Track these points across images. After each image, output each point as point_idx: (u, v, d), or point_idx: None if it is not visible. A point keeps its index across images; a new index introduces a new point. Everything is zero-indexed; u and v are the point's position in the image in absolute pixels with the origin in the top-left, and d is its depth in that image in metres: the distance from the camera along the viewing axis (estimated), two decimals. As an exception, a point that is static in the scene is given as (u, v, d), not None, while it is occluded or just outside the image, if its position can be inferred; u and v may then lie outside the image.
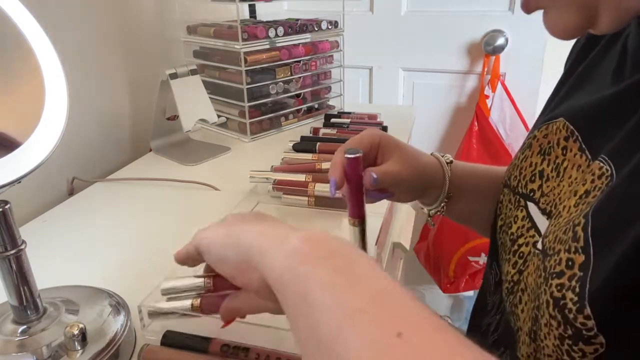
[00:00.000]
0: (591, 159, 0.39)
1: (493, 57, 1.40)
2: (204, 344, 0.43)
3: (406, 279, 1.67)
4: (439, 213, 0.60)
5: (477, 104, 1.44)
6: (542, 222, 0.43)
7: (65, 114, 0.40)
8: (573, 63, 0.50)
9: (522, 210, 0.46)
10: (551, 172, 0.44)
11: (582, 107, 0.43)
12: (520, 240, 0.45)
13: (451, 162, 0.58)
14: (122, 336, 0.44)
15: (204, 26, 1.03)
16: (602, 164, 0.36)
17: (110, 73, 0.95)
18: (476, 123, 1.44)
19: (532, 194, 0.45)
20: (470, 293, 1.62)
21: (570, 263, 0.33)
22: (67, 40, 0.84)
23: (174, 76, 0.90)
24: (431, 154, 0.58)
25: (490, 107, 1.43)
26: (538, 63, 1.34)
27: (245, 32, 0.93)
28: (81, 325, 0.41)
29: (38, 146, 0.37)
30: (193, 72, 0.94)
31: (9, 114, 0.37)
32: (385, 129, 1.01)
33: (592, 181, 0.36)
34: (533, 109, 1.41)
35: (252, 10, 1.30)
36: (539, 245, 0.40)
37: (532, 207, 0.45)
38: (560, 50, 0.57)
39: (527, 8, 0.39)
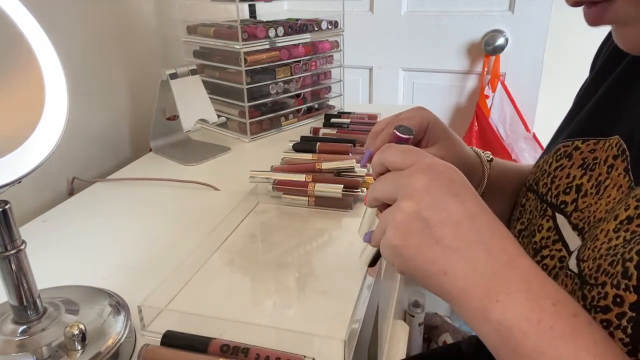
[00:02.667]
0: (634, 182, 0.38)
1: (493, 57, 1.40)
2: (203, 344, 0.43)
3: (406, 279, 1.67)
4: None
5: (477, 104, 1.44)
6: (571, 238, 0.42)
7: (65, 114, 0.40)
8: (606, 66, 0.48)
9: (548, 220, 0.44)
10: (591, 188, 0.42)
11: (638, 125, 0.41)
12: (545, 252, 0.44)
13: (491, 160, 0.57)
14: (122, 336, 0.44)
15: (204, 26, 1.03)
16: None
17: (110, 73, 0.95)
18: (476, 123, 1.44)
19: (563, 205, 0.43)
20: (470, 293, 1.61)
21: (618, 300, 0.32)
22: (67, 40, 0.84)
23: (174, 76, 0.90)
24: (471, 149, 0.57)
25: (490, 107, 1.43)
26: (538, 63, 1.34)
27: (245, 32, 0.93)
28: (81, 325, 0.41)
29: (38, 146, 0.37)
30: (193, 72, 0.94)
31: (9, 113, 0.37)
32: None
33: (636, 207, 0.35)
34: (533, 109, 1.41)
35: (252, 10, 1.30)
36: (572, 266, 0.39)
37: (561, 219, 0.44)
38: (560, 51, 0.57)
39: (596, 23, 0.37)
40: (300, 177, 0.72)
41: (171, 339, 0.44)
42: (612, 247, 0.35)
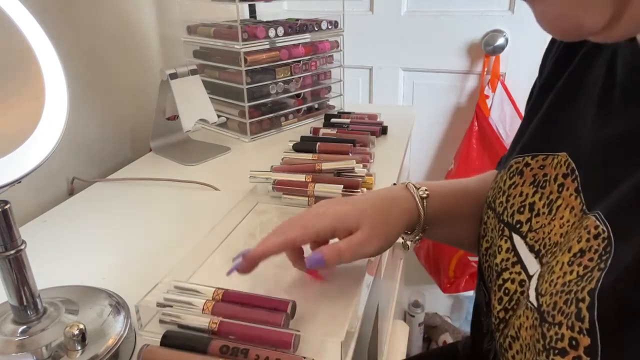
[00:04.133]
0: (585, 206, 0.37)
1: (493, 57, 1.40)
2: (203, 344, 0.43)
3: (406, 279, 1.67)
4: (415, 244, 0.57)
5: (477, 104, 1.44)
6: (529, 259, 0.41)
7: (65, 114, 0.40)
8: (551, 75, 0.47)
9: (506, 241, 0.44)
10: (543, 207, 0.41)
11: (586, 144, 0.39)
12: (505, 275, 0.43)
13: (427, 196, 0.54)
14: (122, 336, 0.44)
15: (204, 26, 1.03)
16: (598, 223, 0.34)
17: (110, 73, 0.95)
18: (476, 123, 1.44)
19: (518, 225, 0.43)
20: (470, 293, 1.62)
21: (574, 343, 0.32)
22: (68, 40, 0.84)
23: (174, 76, 0.90)
24: (406, 186, 0.55)
25: (490, 107, 1.43)
26: (538, 63, 1.34)
27: (245, 32, 0.93)
28: (81, 325, 0.41)
29: (38, 146, 0.37)
30: (193, 72, 0.94)
31: (9, 113, 0.37)
32: (385, 129, 1.01)
33: (588, 240, 0.34)
34: (533, 109, 1.40)
35: (252, 10, 1.30)
36: (532, 298, 0.38)
37: (517, 240, 0.43)
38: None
39: None
40: (300, 178, 0.72)
41: (171, 340, 0.44)
42: (566, 282, 0.34)
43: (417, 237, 0.56)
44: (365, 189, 0.71)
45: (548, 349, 0.34)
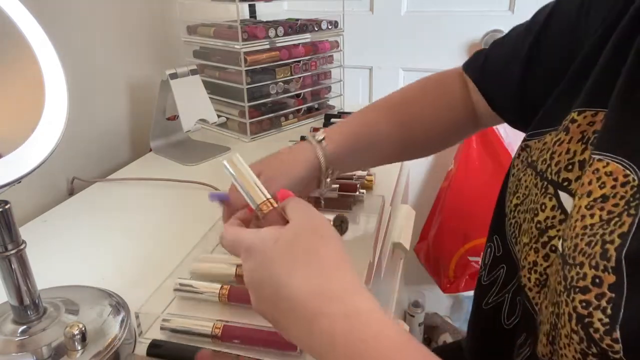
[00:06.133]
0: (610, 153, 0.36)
1: (493, 57, 1.40)
2: (191, 353, 0.43)
3: (406, 279, 1.67)
4: (329, 185, 0.59)
5: (477, 104, 1.44)
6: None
7: (65, 114, 0.40)
8: (599, 36, 0.44)
9: (551, 199, 0.42)
10: None
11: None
12: (552, 232, 0.42)
13: (323, 138, 0.56)
14: (122, 336, 0.44)
15: (204, 26, 1.03)
16: (627, 171, 0.34)
17: (110, 73, 0.95)
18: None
19: (566, 183, 0.41)
20: (470, 293, 1.61)
21: (597, 281, 0.32)
22: (67, 40, 0.84)
23: (174, 76, 0.90)
24: (304, 138, 0.57)
25: (490, 107, 1.43)
26: (538, 63, 1.34)
27: (245, 32, 0.93)
28: (81, 325, 0.41)
29: (38, 146, 0.37)
30: (193, 72, 0.94)
31: (9, 113, 0.37)
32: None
33: (613, 187, 0.34)
34: (533, 109, 1.40)
35: (252, 10, 1.30)
36: (559, 245, 0.39)
37: (565, 198, 0.41)
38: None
39: None
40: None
41: (159, 349, 0.44)
42: (587, 225, 0.35)
43: (326, 182, 0.58)
44: (365, 191, 0.71)
45: (568, 289, 0.34)
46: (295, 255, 0.35)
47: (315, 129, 0.98)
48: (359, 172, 0.75)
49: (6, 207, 0.39)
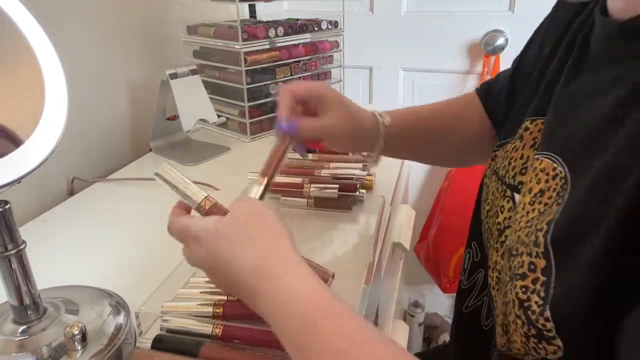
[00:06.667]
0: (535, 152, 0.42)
1: (493, 57, 1.40)
2: (195, 347, 0.43)
3: (406, 279, 1.67)
4: (374, 159, 0.63)
5: (477, 104, 1.44)
6: None
7: (65, 114, 0.40)
8: (551, 48, 0.50)
9: (508, 201, 0.47)
10: None
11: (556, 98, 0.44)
12: (508, 232, 0.46)
13: (387, 121, 0.60)
14: (122, 336, 0.44)
15: (204, 26, 1.03)
16: (555, 165, 0.38)
17: (110, 73, 0.95)
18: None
19: (520, 186, 0.45)
20: (470, 293, 1.61)
21: (532, 267, 0.35)
22: (67, 40, 0.84)
23: (174, 76, 0.90)
24: (372, 112, 0.60)
25: (490, 107, 1.43)
26: (538, 63, 1.34)
27: (245, 32, 0.92)
28: (81, 325, 0.41)
29: (38, 146, 0.37)
30: (193, 72, 0.94)
31: (9, 114, 0.37)
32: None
33: (547, 181, 0.38)
34: (533, 109, 1.40)
35: (252, 10, 1.30)
36: (508, 241, 0.42)
37: (518, 199, 0.45)
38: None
39: None
40: (297, 179, 0.72)
41: (163, 343, 0.44)
42: (529, 219, 0.39)
43: (373, 155, 0.61)
44: (364, 191, 0.71)
45: (512, 277, 0.38)
46: (235, 238, 0.38)
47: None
48: (359, 172, 0.75)
49: (6, 207, 0.39)
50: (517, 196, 0.46)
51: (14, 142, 0.36)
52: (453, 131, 0.66)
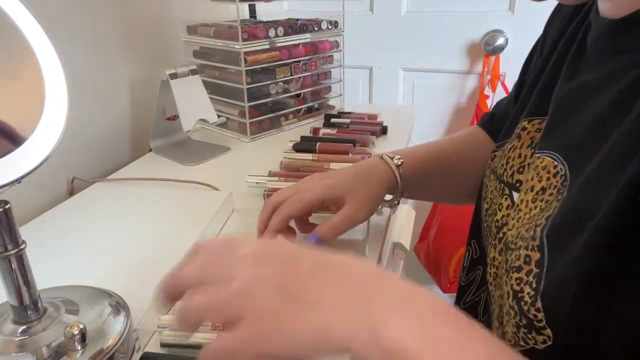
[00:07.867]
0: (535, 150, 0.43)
1: (493, 57, 1.40)
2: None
3: (406, 279, 1.67)
4: (394, 208, 0.63)
5: (477, 104, 1.44)
6: None
7: (65, 114, 0.40)
8: (549, 46, 0.51)
9: (506, 199, 0.47)
10: None
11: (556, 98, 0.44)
12: (505, 229, 0.46)
13: (401, 164, 0.60)
14: (122, 336, 0.44)
15: (204, 26, 1.03)
16: (556, 163, 0.39)
17: (110, 73, 0.95)
18: (476, 123, 1.44)
19: (518, 184, 0.46)
20: (470, 293, 1.61)
21: (527, 259, 0.36)
22: (67, 40, 0.84)
23: (174, 76, 0.90)
24: (381, 157, 0.60)
25: (490, 107, 1.43)
26: (538, 63, 1.34)
27: (245, 32, 0.92)
28: (81, 325, 0.41)
29: (38, 146, 0.37)
30: (193, 72, 0.94)
31: (8, 114, 0.37)
32: (385, 129, 1.01)
33: (548, 179, 0.39)
34: (533, 109, 1.40)
35: (252, 10, 1.30)
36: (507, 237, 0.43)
37: (517, 197, 0.46)
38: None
39: None
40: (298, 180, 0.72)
41: None
42: (531, 216, 0.40)
43: (395, 202, 0.61)
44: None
45: (508, 270, 0.39)
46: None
47: (316, 131, 0.98)
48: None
49: (6, 207, 0.39)
50: (515, 194, 0.46)
51: (14, 142, 0.36)
52: (467, 168, 0.66)
